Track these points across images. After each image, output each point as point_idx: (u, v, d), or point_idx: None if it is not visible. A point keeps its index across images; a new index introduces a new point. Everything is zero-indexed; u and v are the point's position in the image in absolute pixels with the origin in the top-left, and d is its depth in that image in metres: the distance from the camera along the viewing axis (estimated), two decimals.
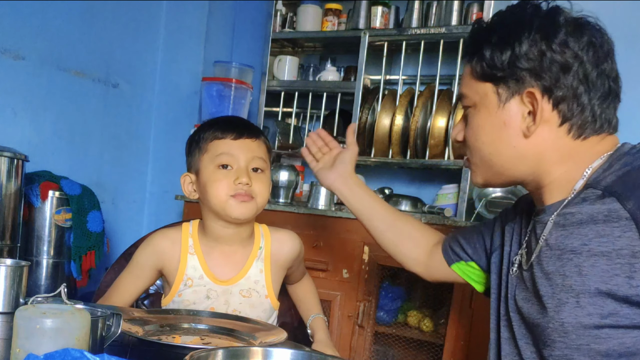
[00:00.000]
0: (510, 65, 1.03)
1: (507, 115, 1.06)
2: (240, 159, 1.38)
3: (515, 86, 1.04)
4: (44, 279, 2.30)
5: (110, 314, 0.95)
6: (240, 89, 2.82)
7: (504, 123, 1.06)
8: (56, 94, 2.57)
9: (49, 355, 0.70)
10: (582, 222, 0.99)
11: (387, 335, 2.43)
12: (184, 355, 0.74)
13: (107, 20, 2.77)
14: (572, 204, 1.03)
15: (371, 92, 2.71)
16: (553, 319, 1.00)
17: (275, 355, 0.83)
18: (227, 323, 1.20)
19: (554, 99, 1.02)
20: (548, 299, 1.02)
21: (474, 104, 1.10)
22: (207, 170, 1.38)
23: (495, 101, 1.06)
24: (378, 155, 2.65)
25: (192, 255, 1.41)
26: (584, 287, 0.97)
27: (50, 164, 2.50)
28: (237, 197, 1.35)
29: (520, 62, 1.02)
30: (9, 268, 1.18)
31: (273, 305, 1.45)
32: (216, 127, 1.41)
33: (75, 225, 2.32)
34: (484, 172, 1.13)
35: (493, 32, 1.06)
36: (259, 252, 1.44)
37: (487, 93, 1.07)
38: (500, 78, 1.05)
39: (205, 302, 1.40)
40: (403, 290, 2.48)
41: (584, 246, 0.98)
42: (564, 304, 0.99)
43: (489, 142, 1.09)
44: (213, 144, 1.39)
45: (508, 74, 1.03)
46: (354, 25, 2.73)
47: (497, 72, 1.04)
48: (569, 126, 1.03)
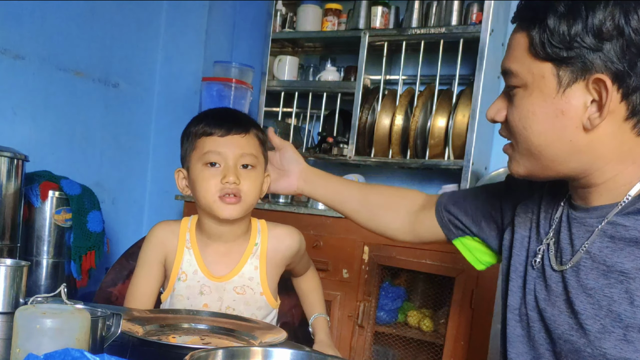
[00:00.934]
0: (579, 43, 0.85)
1: (566, 104, 0.89)
2: (228, 156, 1.34)
3: (581, 70, 0.86)
4: (44, 279, 2.30)
5: (110, 314, 0.95)
6: (240, 89, 2.82)
7: (561, 112, 0.89)
8: (56, 94, 2.57)
9: (49, 355, 0.69)
10: (638, 241, 0.87)
11: (387, 335, 2.43)
12: (184, 355, 0.74)
13: (107, 20, 2.76)
14: (625, 212, 0.90)
15: (371, 92, 2.71)
16: (593, 344, 0.90)
17: (275, 355, 0.83)
18: (227, 323, 1.20)
19: (625, 88, 0.86)
20: (588, 319, 0.91)
21: (524, 84, 0.92)
22: (195, 167, 1.37)
23: (554, 85, 0.89)
24: (378, 155, 2.65)
25: (188, 250, 1.41)
26: (635, 320, 0.86)
27: (50, 164, 2.50)
28: (224, 199, 1.33)
29: (591, 39, 0.84)
30: (9, 268, 1.18)
31: (270, 303, 1.43)
32: (205, 122, 1.38)
33: (75, 225, 2.32)
34: (529, 164, 0.96)
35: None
36: (254, 248, 1.42)
37: (545, 74, 0.89)
38: (564, 58, 0.87)
39: (198, 297, 1.39)
40: (403, 290, 2.48)
41: (638, 271, 0.86)
42: (609, 332, 0.88)
43: (540, 133, 0.92)
44: (201, 141, 1.37)
45: (575, 54, 0.86)
46: (354, 25, 2.73)
47: (563, 50, 0.86)
48: (635, 121, 0.89)
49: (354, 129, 2.66)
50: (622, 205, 0.91)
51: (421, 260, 2.28)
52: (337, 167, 2.94)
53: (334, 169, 2.98)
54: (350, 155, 2.67)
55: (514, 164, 0.99)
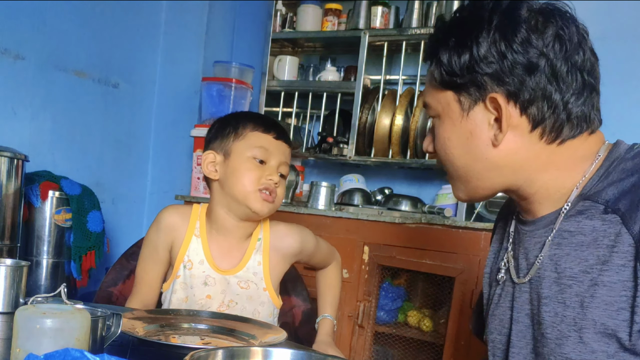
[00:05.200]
0: (469, 70, 0.92)
1: (472, 125, 0.95)
2: (275, 158, 1.40)
3: (477, 93, 0.93)
4: (44, 279, 2.30)
5: (110, 314, 0.95)
6: (240, 89, 2.82)
7: (470, 133, 0.96)
8: (56, 94, 2.57)
9: (49, 355, 0.69)
10: (583, 244, 0.91)
11: (387, 335, 2.43)
12: (184, 355, 0.74)
13: (107, 20, 2.76)
14: (568, 217, 0.94)
15: (371, 92, 2.71)
16: (554, 351, 0.93)
17: (275, 355, 0.83)
18: (227, 323, 1.20)
19: (520, 103, 0.92)
20: (547, 327, 0.94)
21: (437, 114, 1.00)
22: (240, 156, 1.38)
23: (458, 110, 0.96)
24: (378, 155, 2.65)
25: (196, 238, 1.42)
26: (586, 322, 0.89)
27: (50, 164, 2.50)
28: (262, 194, 1.37)
29: (479, 66, 0.91)
30: (9, 268, 1.18)
31: (273, 301, 1.44)
32: (259, 120, 1.43)
33: (75, 225, 2.32)
34: (464, 187, 1.02)
35: (451, 33, 0.95)
36: (257, 243, 1.44)
37: (449, 102, 0.97)
38: (460, 85, 0.94)
39: (202, 288, 1.39)
40: (403, 290, 2.48)
41: (585, 274, 0.90)
42: (566, 337, 0.91)
43: (458, 155, 0.98)
44: (254, 134, 1.40)
45: (468, 80, 0.93)
46: (354, 25, 2.73)
47: (457, 78, 0.94)
48: (541, 130, 0.93)
49: (354, 129, 2.66)
50: (565, 211, 0.95)
51: (421, 260, 2.28)
52: (337, 167, 2.94)
53: (334, 169, 2.98)
54: (350, 155, 2.67)
55: (454, 190, 1.05)
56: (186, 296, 1.40)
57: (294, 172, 2.61)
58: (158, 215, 1.45)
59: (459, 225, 2.22)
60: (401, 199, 2.54)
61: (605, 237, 0.89)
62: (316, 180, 2.73)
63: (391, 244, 2.32)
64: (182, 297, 1.40)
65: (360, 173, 2.79)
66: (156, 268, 1.43)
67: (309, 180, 2.83)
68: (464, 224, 2.21)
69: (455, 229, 2.22)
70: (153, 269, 1.43)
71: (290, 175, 2.58)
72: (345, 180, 2.75)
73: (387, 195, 2.66)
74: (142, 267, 1.44)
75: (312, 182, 2.59)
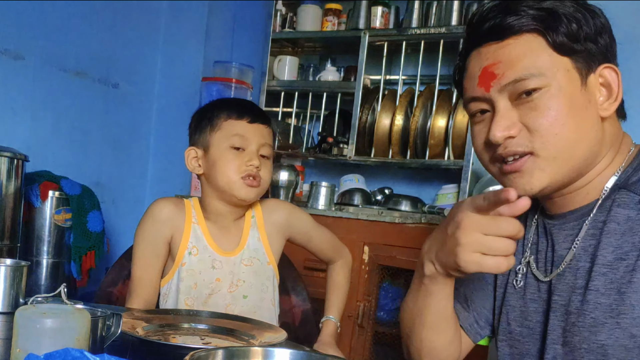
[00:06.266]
0: (592, 39, 0.92)
1: (590, 94, 0.93)
2: (252, 142, 1.41)
3: (597, 60, 0.93)
4: (44, 279, 2.30)
5: (110, 314, 0.95)
6: (240, 89, 2.82)
7: (589, 102, 0.93)
8: (56, 94, 2.57)
9: (49, 355, 0.69)
10: (617, 232, 0.91)
11: (387, 335, 2.43)
12: (184, 355, 0.74)
13: (107, 20, 2.76)
14: (602, 208, 0.94)
15: (371, 92, 2.71)
16: (588, 339, 0.92)
17: (275, 355, 0.83)
18: (227, 323, 1.20)
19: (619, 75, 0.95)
20: (579, 317, 0.93)
21: (546, 84, 0.91)
22: (218, 148, 1.40)
23: (578, 78, 0.92)
24: (378, 155, 2.65)
25: (195, 225, 1.44)
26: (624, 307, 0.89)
27: (50, 164, 2.50)
28: (245, 180, 1.38)
29: (602, 36, 0.93)
30: (9, 268, 1.18)
31: (276, 274, 1.48)
32: (232, 107, 1.43)
33: (75, 225, 2.32)
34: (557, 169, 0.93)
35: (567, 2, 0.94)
36: (252, 220, 1.47)
37: (568, 69, 0.92)
38: (579, 51, 0.92)
39: (210, 272, 1.42)
40: (403, 290, 2.47)
41: (620, 261, 0.90)
42: (602, 324, 0.91)
43: (571, 129, 0.91)
44: (228, 123, 1.41)
45: (585, 48, 0.92)
46: (354, 25, 2.73)
47: (578, 44, 0.92)
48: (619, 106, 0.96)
49: (354, 129, 2.66)
50: (600, 202, 0.95)
51: None
52: (337, 167, 2.94)
53: (334, 169, 2.98)
54: (350, 155, 2.67)
55: (538, 174, 0.93)
56: (195, 282, 1.41)
57: (294, 172, 2.61)
58: (150, 210, 1.44)
59: None
60: (401, 199, 2.54)
61: None
62: (316, 180, 2.73)
63: (391, 244, 2.32)
64: (190, 284, 1.41)
65: (360, 173, 2.79)
66: (156, 264, 1.42)
67: (309, 180, 2.82)
68: None
69: None
70: (153, 265, 1.42)
71: (290, 175, 2.58)
72: (345, 180, 2.75)
73: (387, 195, 2.66)
74: (141, 266, 1.41)
75: (312, 182, 2.60)
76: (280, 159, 2.88)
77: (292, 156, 2.89)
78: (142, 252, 1.42)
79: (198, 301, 1.41)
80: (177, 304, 1.41)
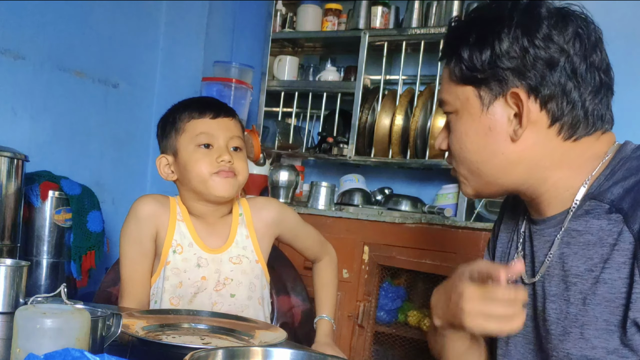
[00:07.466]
0: (491, 66, 0.94)
1: (492, 120, 0.97)
2: (220, 137, 1.38)
3: (498, 88, 0.95)
4: (44, 279, 2.30)
5: (110, 314, 0.95)
6: (240, 89, 2.82)
7: (489, 128, 0.97)
8: (56, 94, 2.57)
9: (49, 355, 0.69)
10: (589, 243, 0.93)
11: (387, 335, 2.43)
12: (184, 355, 0.74)
13: (107, 20, 2.76)
14: (576, 217, 0.96)
15: (371, 92, 2.71)
16: (557, 347, 0.95)
17: (275, 355, 0.83)
18: (227, 323, 1.20)
19: (541, 99, 0.93)
20: (552, 324, 0.96)
21: (455, 110, 1.01)
22: (186, 150, 1.38)
23: (478, 105, 0.97)
24: (378, 155, 2.65)
25: (180, 222, 1.41)
26: (588, 318, 0.91)
27: (50, 164, 2.50)
28: (220, 174, 1.35)
29: (501, 61, 0.93)
30: (9, 268, 1.18)
31: (265, 273, 1.45)
32: (192, 107, 1.42)
33: (75, 225, 2.32)
34: (474, 183, 1.03)
35: (470, 31, 0.97)
36: (239, 218, 1.45)
37: (469, 97, 0.98)
38: (481, 80, 0.96)
39: (195, 270, 1.39)
40: (403, 290, 2.48)
41: (589, 272, 0.92)
42: (569, 333, 0.93)
43: (475, 150, 1.00)
44: (191, 124, 1.39)
45: (489, 75, 0.95)
46: (354, 25, 2.73)
47: (478, 73, 0.96)
48: (559, 126, 0.95)
49: (354, 129, 2.66)
50: (573, 211, 0.96)
51: (421, 260, 2.27)
52: (337, 167, 2.94)
53: (334, 169, 2.98)
54: (350, 155, 2.67)
55: (462, 185, 1.06)
56: (180, 281, 1.38)
57: (294, 172, 2.61)
58: (134, 208, 1.43)
59: (459, 225, 2.22)
60: (401, 199, 2.54)
61: (610, 235, 0.90)
62: (316, 180, 2.73)
63: (391, 244, 2.32)
64: (175, 283, 1.38)
65: (360, 173, 2.79)
66: (145, 262, 1.40)
67: (309, 180, 2.82)
68: (464, 224, 2.21)
69: (455, 229, 2.22)
70: (142, 264, 1.40)
71: (290, 175, 2.58)
72: (345, 180, 2.75)
73: (387, 195, 2.66)
74: (129, 266, 1.40)
75: (312, 182, 2.60)
76: (280, 158, 2.88)
77: (292, 156, 2.89)
78: (128, 251, 1.41)
79: (183, 300, 1.39)
80: (162, 303, 1.39)
